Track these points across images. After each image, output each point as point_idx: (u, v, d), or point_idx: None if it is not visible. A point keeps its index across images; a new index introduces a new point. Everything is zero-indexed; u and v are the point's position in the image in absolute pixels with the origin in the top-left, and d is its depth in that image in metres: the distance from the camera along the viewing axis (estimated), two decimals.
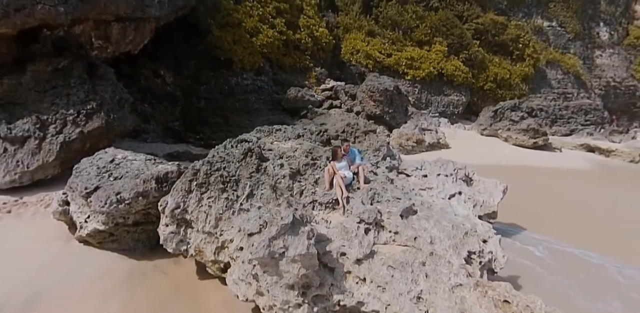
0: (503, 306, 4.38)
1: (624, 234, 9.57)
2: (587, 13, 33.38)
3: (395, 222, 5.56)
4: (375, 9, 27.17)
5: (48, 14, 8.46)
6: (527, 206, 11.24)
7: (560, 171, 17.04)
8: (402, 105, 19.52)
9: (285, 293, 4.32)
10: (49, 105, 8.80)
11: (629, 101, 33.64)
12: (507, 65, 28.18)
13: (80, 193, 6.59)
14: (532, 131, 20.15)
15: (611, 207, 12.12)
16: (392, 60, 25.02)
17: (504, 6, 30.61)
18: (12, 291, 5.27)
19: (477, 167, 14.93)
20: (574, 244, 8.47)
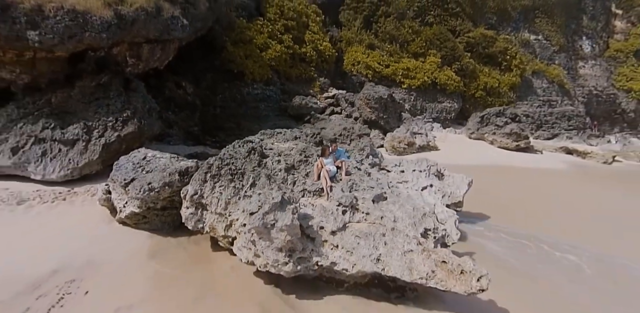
0: (441, 265, 5.41)
1: (575, 220, 10.50)
2: (571, 28, 34.08)
3: (367, 205, 6.59)
4: (375, 24, 28.07)
5: (93, 39, 9.73)
6: (497, 199, 12.16)
7: (537, 171, 17.76)
8: (395, 111, 20.48)
9: (275, 254, 5.41)
10: (93, 114, 10.05)
11: (609, 108, 34.16)
12: (496, 75, 28.93)
13: (120, 184, 7.77)
14: (515, 135, 20.92)
15: (572, 201, 12.96)
16: (390, 70, 25.90)
17: (494, 21, 31.40)
18: (71, 257, 6.40)
19: (462, 167, 16.10)
20: (528, 229, 9.43)
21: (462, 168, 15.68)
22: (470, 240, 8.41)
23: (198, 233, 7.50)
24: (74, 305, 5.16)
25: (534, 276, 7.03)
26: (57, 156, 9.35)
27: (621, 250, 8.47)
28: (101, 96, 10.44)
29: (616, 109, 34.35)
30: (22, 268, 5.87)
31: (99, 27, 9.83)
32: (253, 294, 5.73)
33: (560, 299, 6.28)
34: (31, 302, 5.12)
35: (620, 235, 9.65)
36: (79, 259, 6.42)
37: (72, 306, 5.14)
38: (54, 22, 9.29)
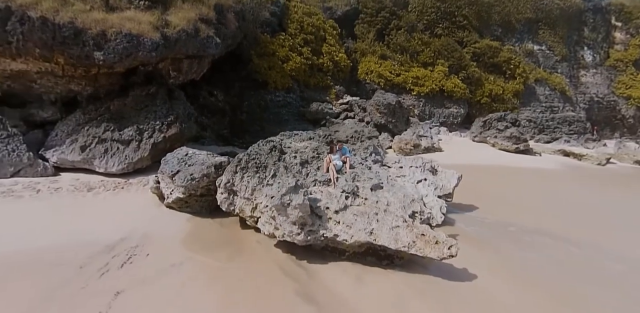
0: (421, 237, 6.51)
1: (552, 211, 11.35)
2: (573, 38, 34.31)
3: (366, 192, 7.73)
4: (387, 36, 28.91)
5: (145, 57, 11.22)
6: (489, 194, 13.01)
7: (532, 170, 18.41)
8: (403, 116, 21.47)
9: (291, 227, 6.64)
10: (144, 118, 11.53)
11: (610, 114, 34.23)
12: (501, 83, 29.49)
13: (168, 175, 9.13)
14: (514, 138, 21.61)
15: (557, 196, 13.74)
16: (401, 78, 26.79)
17: (499, 33, 31.95)
18: (132, 230, 7.72)
19: (463, 166, 16.99)
20: (508, 218, 10.36)
21: (462, 167, 16.51)
22: (456, 225, 9.42)
23: (229, 216, 8.77)
24: (139, 262, 6.50)
25: (499, 250, 8.07)
26: (116, 153, 10.86)
27: (583, 234, 9.39)
28: (150, 104, 11.94)
29: (616, 115, 34.39)
30: (99, 236, 7.27)
31: (149, 47, 11.33)
32: (274, 259, 6.96)
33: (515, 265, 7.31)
34: (108, 259, 6.48)
35: (588, 223, 10.53)
36: (139, 232, 7.77)
37: (139, 263, 6.48)
38: (115, 44, 10.83)
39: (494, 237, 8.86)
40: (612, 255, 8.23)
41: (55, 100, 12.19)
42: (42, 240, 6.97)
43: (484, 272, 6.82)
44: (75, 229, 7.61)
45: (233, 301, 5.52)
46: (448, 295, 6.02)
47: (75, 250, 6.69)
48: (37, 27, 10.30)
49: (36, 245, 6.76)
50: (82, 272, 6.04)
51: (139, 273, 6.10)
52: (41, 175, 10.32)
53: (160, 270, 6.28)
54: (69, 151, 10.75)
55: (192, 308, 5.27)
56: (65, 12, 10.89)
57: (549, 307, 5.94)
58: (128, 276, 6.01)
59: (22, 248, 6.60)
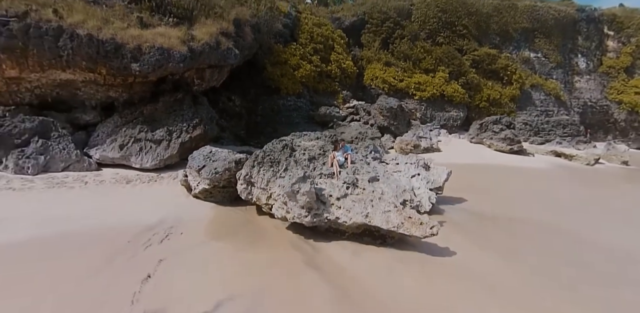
0: (408, 219, 7.48)
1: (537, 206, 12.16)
2: (567, 47, 34.77)
3: (364, 183, 8.72)
4: (392, 45, 29.66)
5: (174, 68, 12.40)
6: (480, 189, 13.81)
7: (523, 169, 19.06)
8: (404, 119, 22.33)
9: (299, 210, 7.67)
10: (173, 121, 12.70)
11: (603, 118, 34.63)
12: (498, 88, 30.08)
13: (195, 169, 10.24)
14: (509, 140, 22.30)
15: (542, 192, 14.48)
16: (404, 84, 27.51)
17: (497, 41, 32.57)
18: (166, 215, 8.79)
19: (459, 165, 17.89)
20: (492, 209, 11.22)
21: (458, 166, 17.34)
22: (445, 214, 10.33)
23: (247, 205, 9.83)
24: (175, 239, 7.58)
25: (479, 233, 8.97)
26: (149, 151, 12.04)
27: (562, 223, 10.21)
28: (177, 108, 13.12)
29: (609, 119, 34.76)
30: (140, 219, 8.38)
31: (178, 59, 12.51)
32: (286, 239, 7.97)
33: (492, 245, 8.18)
34: (150, 236, 7.58)
35: (568, 214, 11.34)
36: (172, 216, 8.85)
37: (174, 239, 7.56)
38: (149, 56, 12.03)
39: (477, 223, 9.78)
40: (585, 240, 9.07)
41: (96, 105, 13.44)
42: (96, 221, 8.11)
43: (463, 250, 7.75)
44: (120, 213, 8.74)
45: (253, 266, 6.56)
46: (430, 266, 6.99)
47: (122, 229, 7.80)
48: (84, 43, 11.55)
49: (92, 224, 7.90)
50: (130, 245, 7.14)
51: (176, 247, 7.19)
52: (87, 169, 11.54)
53: (192, 244, 7.36)
54: (110, 149, 11.96)
55: (220, 272, 6.33)
56: (107, 30, 12.13)
57: (518, 275, 6.84)
58: (167, 248, 7.10)
59: (83, 227, 7.74)
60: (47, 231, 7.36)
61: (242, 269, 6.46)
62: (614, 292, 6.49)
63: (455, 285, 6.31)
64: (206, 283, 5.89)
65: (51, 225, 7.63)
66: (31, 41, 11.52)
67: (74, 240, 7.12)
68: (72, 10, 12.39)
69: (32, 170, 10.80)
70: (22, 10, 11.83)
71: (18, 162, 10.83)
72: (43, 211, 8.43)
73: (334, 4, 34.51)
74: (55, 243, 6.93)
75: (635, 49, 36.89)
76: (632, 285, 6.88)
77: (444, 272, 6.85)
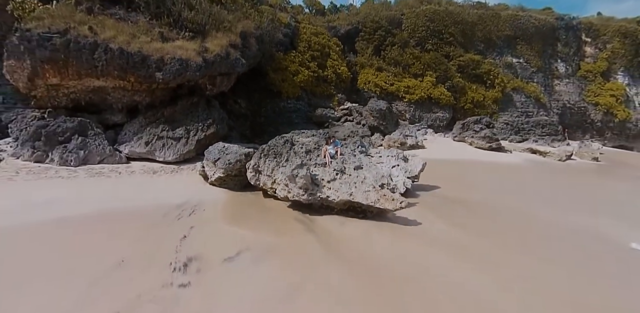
0: (383, 196, 9.31)
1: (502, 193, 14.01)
2: (547, 52, 36.64)
3: (350, 170, 10.55)
4: (383, 51, 31.40)
5: (191, 76, 14.25)
6: (454, 179, 15.61)
7: (499, 164, 20.78)
8: (392, 119, 24.19)
9: (298, 190, 9.51)
10: (189, 121, 14.55)
11: (581, 119, 36.54)
12: (482, 91, 31.94)
13: (211, 161, 12.06)
14: (488, 138, 24.14)
15: (511, 182, 16.35)
16: (394, 87, 29.35)
17: (482, 48, 34.41)
18: (189, 198, 10.59)
19: (441, 160, 19.67)
20: (459, 194, 13.06)
21: (439, 161, 19.33)
22: (418, 197, 12.11)
23: (255, 190, 11.68)
24: (200, 213, 9.40)
25: (443, 211, 10.79)
26: (171, 147, 13.88)
27: (521, 206, 12.08)
28: (193, 110, 14.97)
29: (587, 119, 36.65)
30: (169, 200, 10.19)
31: (194, 68, 14.36)
32: (288, 214, 9.78)
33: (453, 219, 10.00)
34: (180, 211, 9.39)
35: (528, 199, 13.18)
36: (194, 199, 10.63)
37: (199, 214, 9.38)
38: (170, 66, 13.88)
39: (444, 204, 11.61)
40: (528, 215, 10.92)
41: (122, 108, 15.29)
42: (134, 202, 9.93)
43: (428, 222, 9.60)
44: (152, 196, 10.56)
45: (264, 230, 8.39)
46: (399, 231, 8.83)
47: (157, 207, 9.62)
48: (116, 55, 13.40)
49: (132, 204, 9.73)
50: (165, 218, 8.96)
51: (202, 218, 9.03)
52: (118, 162, 13.37)
53: (214, 217, 9.19)
54: (137, 145, 13.81)
55: (238, 234, 8.16)
56: (135, 44, 13.99)
57: (469, 237, 8.65)
58: (195, 219, 8.93)
59: (126, 206, 9.58)
60: (99, 208, 9.18)
61: (255, 233, 8.27)
62: (538, 248, 8.34)
63: (417, 244, 8.14)
64: (229, 240, 7.72)
65: (100, 204, 9.46)
66: (71, 54, 13.36)
67: (121, 215, 8.94)
68: (104, 26, 14.25)
69: (74, 162, 12.63)
70: (63, 28, 13.68)
71: (62, 155, 12.66)
72: (91, 194, 10.27)
73: (330, 13, 36.38)
74: (107, 216, 8.73)
75: (610, 54, 38.88)
76: (554, 242, 8.73)
77: (409, 235, 8.68)
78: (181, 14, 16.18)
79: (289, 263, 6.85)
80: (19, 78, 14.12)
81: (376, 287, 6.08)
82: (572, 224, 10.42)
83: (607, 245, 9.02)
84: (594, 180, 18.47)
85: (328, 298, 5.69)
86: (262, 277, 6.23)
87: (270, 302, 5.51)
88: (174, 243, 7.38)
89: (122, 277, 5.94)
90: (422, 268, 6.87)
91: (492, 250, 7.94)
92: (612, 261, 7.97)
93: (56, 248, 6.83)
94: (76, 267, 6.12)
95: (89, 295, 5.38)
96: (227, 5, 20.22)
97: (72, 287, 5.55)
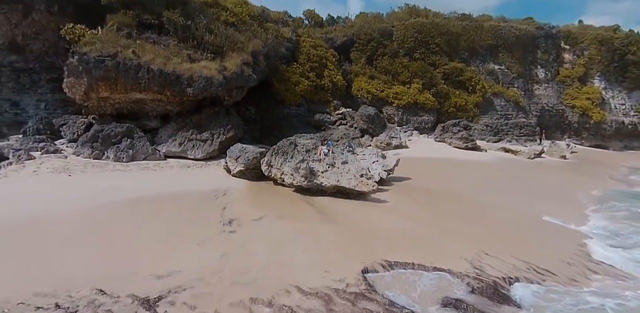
0: (361, 182, 13.09)
1: (465, 184, 17.76)
2: (528, 59, 40.36)
3: (338, 164, 14.30)
4: (375, 61, 34.97)
5: (214, 91, 18.04)
6: (426, 173, 19.32)
7: (472, 161, 24.32)
8: (380, 123, 27.92)
9: (300, 178, 13.28)
10: (213, 126, 18.35)
11: (559, 120, 40.28)
12: (464, 96, 35.60)
13: (234, 158, 15.81)
14: (464, 139, 27.80)
15: (476, 176, 20.08)
16: (384, 94, 33.00)
17: (466, 56, 38.09)
18: (217, 186, 14.31)
19: (420, 158, 23.34)
20: (427, 184, 16.81)
21: (419, 159, 23.10)
22: (391, 185, 15.86)
23: (267, 180, 15.45)
24: (230, 195, 13.14)
25: (409, 195, 14.56)
26: (199, 147, 17.68)
27: (464, 191, 15.83)
28: (216, 117, 18.77)
29: (564, 121, 40.36)
30: (203, 187, 13.90)
31: (216, 84, 18.15)
32: (293, 195, 13.50)
33: (416, 200, 13.75)
34: (214, 194, 13.09)
35: (486, 189, 16.93)
36: (223, 186, 14.36)
37: (229, 196, 13.12)
38: (198, 83, 17.67)
39: (410, 190, 15.39)
40: (476, 200, 14.67)
41: (156, 115, 19.10)
42: (177, 188, 13.67)
43: (394, 201, 13.35)
44: (190, 184, 14.30)
45: (278, 204, 12.18)
46: (371, 206, 12.58)
47: (195, 192, 13.35)
48: (156, 75, 17.20)
49: (176, 189, 13.48)
50: (204, 199, 12.70)
51: (232, 198, 12.78)
52: (158, 159, 17.15)
53: (240, 197, 12.97)
54: (172, 146, 17.61)
55: (261, 206, 11.91)
56: (170, 65, 17.78)
57: (421, 211, 12.41)
58: (227, 199, 12.67)
59: (172, 191, 13.35)
60: (156, 192, 12.94)
61: (270, 206, 12.06)
62: (470, 217, 12.09)
63: (381, 213, 11.88)
64: (253, 210, 11.48)
65: (155, 189, 13.22)
66: (120, 73, 17.15)
67: (174, 196, 12.67)
68: (144, 50, 18.05)
69: (126, 159, 16.41)
70: (113, 52, 17.48)
71: (116, 154, 16.44)
72: (146, 182, 14.04)
73: (328, 25, 40.15)
74: (164, 198, 12.45)
75: (587, 60, 42.69)
76: (484, 214, 12.50)
77: (377, 208, 12.42)
78: (203, 37, 19.98)
79: (294, 223, 10.61)
80: (76, 92, 17.89)
81: (350, 234, 9.85)
82: (504, 204, 14.20)
83: (525, 218, 12.77)
84: (543, 174, 22.21)
85: (320, 240, 9.45)
86: (277, 229, 9.99)
87: (283, 241, 9.26)
88: (217, 212, 11.14)
89: (192, 228, 9.71)
90: (381, 225, 10.66)
91: (431, 216, 11.74)
92: (524, 226, 11.72)
93: (140, 215, 10.58)
94: (159, 225, 9.88)
95: (173, 234, 9.14)
96: (238, 26, 24.03)
97: (161, 232, 9.32)
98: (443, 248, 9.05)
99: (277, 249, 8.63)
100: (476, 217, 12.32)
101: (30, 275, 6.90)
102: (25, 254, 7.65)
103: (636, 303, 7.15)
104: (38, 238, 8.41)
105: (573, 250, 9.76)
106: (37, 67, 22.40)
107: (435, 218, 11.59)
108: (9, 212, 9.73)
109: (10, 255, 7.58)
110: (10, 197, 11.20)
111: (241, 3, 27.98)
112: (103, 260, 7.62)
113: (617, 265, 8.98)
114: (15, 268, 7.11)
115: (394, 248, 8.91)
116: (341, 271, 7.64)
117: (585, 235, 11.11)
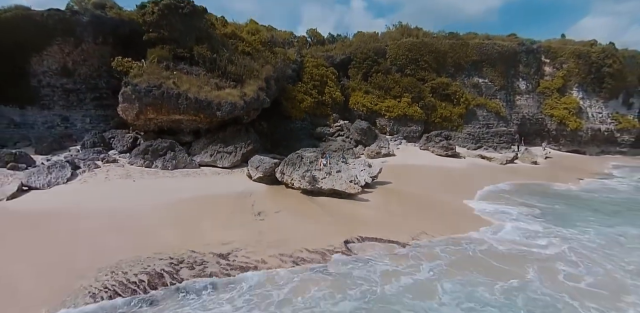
0: (350, 186, 18.26)
1: (435, 184, 22.92)
2: (510, 72, 45.07)
3: (334, 172, 19.44)
4: (370, 77, 39.49)
5: (238, 113, 23.22)
6: (406, 177, 24.49)
7: (448, 167, 29.39)
8: (372, 135, 32.91)
9: (306, 183, 18.44)
10: (236, 141, 23.55)
11: (539, 128, 45.03)
12: (450, 108, 40.18)
13: (254, 167, 20.94)
14: (445, 147, 32.78)
15: (446, 179, 25.20)
16: (378, 107, 37.55)
17: (452, 71, 42.79)
18: (242, 189, 19.47)
19: (405, 165, 28.48)
20: (407, 187, 21.93)
21: (402, 165, 28.17)
22: (374, 189, 21.02)
23: (280, 184, 20.58)
24: (255, 195, 18.34)
25: (389, 195, 19.71)
26: (226, 158, 22.91)
27: (430, 191, 20.97)
28: (238, 134, 23.97)
29: (544, 129, 45.09)
30: (232, 189, 19.06)
31: (239, 108, 23.35)
32: (300, 196, 18.65)
33: (396, 200, 18.90)
34: (243, 195, 18.33)
35: (456, 190, 22.07)
36: (247, 189, 19.52)
37: (255, 195, 18.32)
38: (225, 108, 22.87)
39: (389, 192, 20.57)
40: (433, 198, 19.81)
41: (189, 131, 24.33)
42: (213, 190, 18.83)
43: (375, 200, 18.51)
44: (221, 187, 19.50)
45: (290, 201, 17.37)
46: (357, 203, 17.74)
47: (229, 192, 18.54)
48: (192, 101, 22.42)
49: (213, 191, 18.65)
50: (236, 198, 17.89)
51: (257, 198, 17.96)
52: (194, 167, 22.36)
53: (263, 197, 18.15)
54: (205, 156, 22.84)
55: (279, 202, 17.08)
56: (202, 92, 22.99)
57: (390, 205, 17.56)
58: (254, 198, 17.84)
59: (211, 192, 18.55)
60: (199, 193, 18.12)
61: (286, 203, 17.24)
62: (422, 211, 17.22)
63: (363, 207, 17.03)
64: (274, 205, 16.64)
65: (201, 190, 18.40)
66: (164, 100, 22.36)
67: (213, 197, 17.86)
68: (181, 81, 23.27)
69: (171, 167, 21.65)
70: (158, 83, 22.70)
71: (163, 163, 21.68)
72: (189, 186, 19.26)
73: (328, 43, 45.29)
74: (206, 197, 17.62)
75: (566, 73, 47.54)
76: (426, 205, 17.65)
77: (361, 204, 17.58)
78: (226, 68, 25.22)
79: (304, 213, 15.80)
80: (129, 114, 23.11)
81: (339, 221, 15.02)
82: (447, 198, 19.33)
83: (452, 203, 18.01)
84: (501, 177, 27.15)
85: (319, 224, 14.61)
86: (291, 218, 15.17)
87: (296, 225, 14.41)
88: (249, 207, 16.34)
89: (236, 216, 14.90)
90: (361, 215, 15.85)
91: (395, 208, 16.97)
92: (448, 208, 16.93)
93: (201, 208, 15.78)
94: (216, 215, 15.07)
95: (226, 220, 14.32)
96: (253, 54, 29.27)
97: (217, 219, 14.50)
98: (398, 228, 14.24)
99: (292, 229, 13.84)
100: (425, 207, 17.56)
101: (146, 244, 12.04)
102: (138, 232, 12.85)
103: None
104: (141, 222, 13.64)
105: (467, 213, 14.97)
106: (84, 87, 27.52)
107: (397, 210, 16.82)
108: (112, 205, 14.98)
109: (131, 232, 12.81)
110: (105, 194, 16.45)
111: (254, 31, 33.21)
112: (188, 235, 12.83)
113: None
114: (138, 240, 12.30)
115: (367, 229, 14.10)
116: (332, 241, 12.84)
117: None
